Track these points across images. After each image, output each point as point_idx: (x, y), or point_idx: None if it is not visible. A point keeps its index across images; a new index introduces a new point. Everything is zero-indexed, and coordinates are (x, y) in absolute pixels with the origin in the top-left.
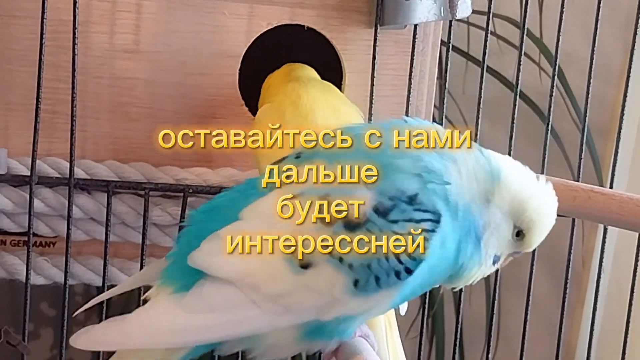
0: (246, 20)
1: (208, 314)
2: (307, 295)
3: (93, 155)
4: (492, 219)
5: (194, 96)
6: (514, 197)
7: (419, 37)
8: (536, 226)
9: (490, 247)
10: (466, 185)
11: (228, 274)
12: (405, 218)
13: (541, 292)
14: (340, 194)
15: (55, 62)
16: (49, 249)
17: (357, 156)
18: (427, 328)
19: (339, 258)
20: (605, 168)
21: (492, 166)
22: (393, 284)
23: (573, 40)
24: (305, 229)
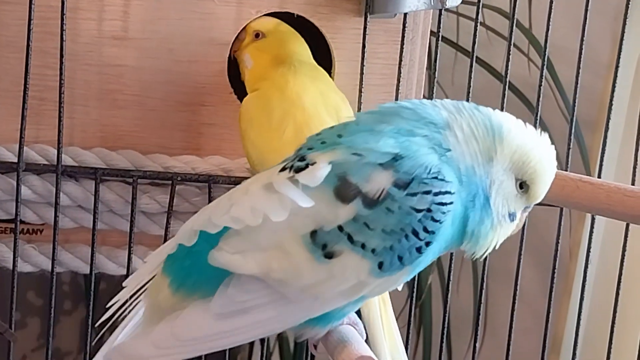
0: (235, 8)
1: (240, 316)
2: (334, 283)
3: (81, 143)
4: (496, 176)
5: (183, 83)
6: (516, 151)
7: (408, 26)
8: (540, 177)
9: (500, 205)
10: (465, 148)
11: (253, 270)
12: (424, 190)
13: (529, 283)
14: (359, 174)
15: (43, 48)
16: (36, 236)
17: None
18: (415, 318)
19: (362, 245)
20: (594, 160)
21: (493, 122)
22: (415, 259)
23: (562, 32)
24: (324, 211)
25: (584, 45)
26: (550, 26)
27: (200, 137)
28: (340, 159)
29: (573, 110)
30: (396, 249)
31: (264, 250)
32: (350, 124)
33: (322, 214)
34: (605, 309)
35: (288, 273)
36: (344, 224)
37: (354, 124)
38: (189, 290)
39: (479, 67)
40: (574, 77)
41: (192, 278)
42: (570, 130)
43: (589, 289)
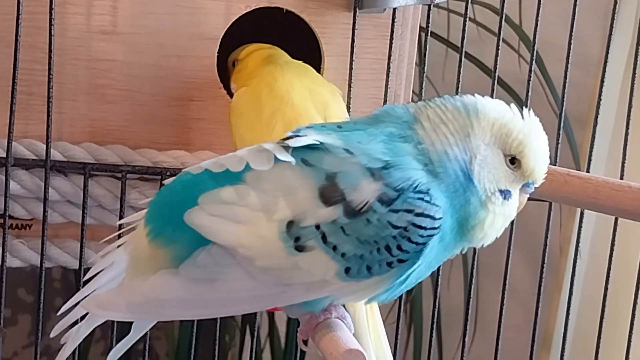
0: (224, 3)
1: (208, 285)
2: (298, 274)
3: (70, 138)
4: (477, 151)
5: (172, 78)
6: (495, 123)
7: (398, 21)
8: (529, 149)
9: (487, 181)
10: (434, 136)
11: (223, 241)
12: (406, 208)
13: (519, 279)
14: (347, 180)
15: (32, 43)
16: (25, 231)
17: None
18: (406, 314)
19: (333, 247)
20: (583, 156)
21: (465, 102)
22: (385, 271)
23: (552, 28)
24: (306, 208)
25: (574, 42)
26: (539, 22)
27: (189, 132)
28: (332, 144)
29: (562, 105)
30: (366, 259)
31: (238, 224)
32: (349, 121)
33: (302, 208)
34: (596, 304)
35: (256, 253)
36: (322, 223)
37: (351, 122)
38: (165, 241)
39: (469, 63)
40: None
41: (168, 229)
42: (559, 125)
43: (579, 284)
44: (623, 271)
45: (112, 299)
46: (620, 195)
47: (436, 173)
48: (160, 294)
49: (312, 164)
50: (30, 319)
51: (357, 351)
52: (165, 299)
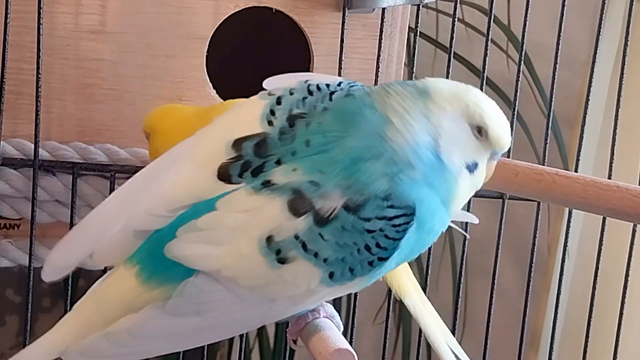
0: (213, 2)
1: (196, 317)
2: (283, 287)
3: (58, 137)
4: (439, 129)
5: (161, 78)
6: (451, 99)
7: (387, 21)
8: (490, 116)
9: (454, 156)
10: (404, 130)
11: (206, 267)
12: (377, 216)
13: (508, 279)
14: (311, 190)
15: (19, 42)
16: (14, 231)
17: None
18: (394, 314)
19: (315, 253)
20: (572, 157)
21: (418, 86)
22: (367, 271)
23: (541, 29)
24: (279, 223)
25: (563, 43)
26: (527, 23)
27: None
28: (296, 185)
29: (550, 105)
30: (348, 261)
31: (219, 247)
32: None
33: (277, 222)
34: (584, 304)
35: (240, 273)
36: (300, 233)
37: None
38: (159, 281)
39: (457, 64)
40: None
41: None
42: (547, 125)
43: (567, 284)
44: (611, 270)
45: (95, 344)
46: (608, 195)
47: (411, 165)
48: (148, 333)
49: (275, 185)
50: (17, 320)
51: (346, 350)
52: (153, 337)
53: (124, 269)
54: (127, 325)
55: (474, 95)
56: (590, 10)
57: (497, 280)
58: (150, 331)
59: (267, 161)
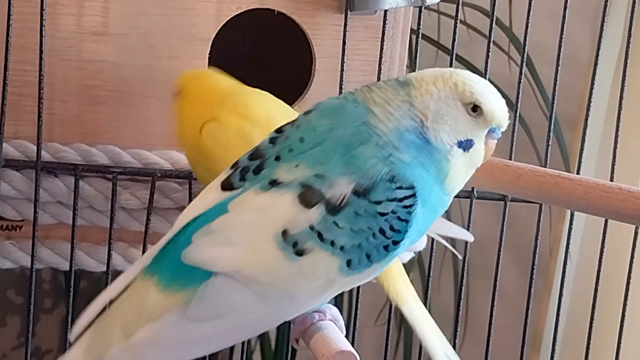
0: (215, 4)
1: (217, 320)
2: (304, 280)
3: (60, 138)
4: (425, 111)
5: (163, 79)
6: (436, 81)
7: (389, 23)
8: (483, 93)
9: (444, 135)
10: (385, 119)
11: (224, 268)
12: (388, 198)
13: (510, 281)
14: (319, 182)
15: (22, 44)
16: (16, 232)
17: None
18: (396, 316)
19: (331, 242)
20: (573, 158)
21: (400, 79)
22: (383, 256)
23: (542, 30)
24: (293, 216)
25: (565, 44)
26: (529, 25)
27: None
28: (303, 179)
29: (552, 107)
30: (364, 247)
31: (235, 247)
32: (307, 128)
33: (290, 216)
34: (585, 306)
35: (259, 269)
36: (315, 223)
37: (311, 129)
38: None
39: (459, 65)
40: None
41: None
42: (549, 127)
43: (569, 286)
44: (613, 272)
45: (115, 358)
46: (610, 197)
47: (397, 148)
48: (169, 341)
49: (282, 183)
50: (19, 320)
51: (348, 352)
52: (173, 344)
53: (141, 280)
54: (147, 334)
55: (462, 76)
56: (591, 11)
57: (499, 282)
58: (171, 338)
59: (265, 160)
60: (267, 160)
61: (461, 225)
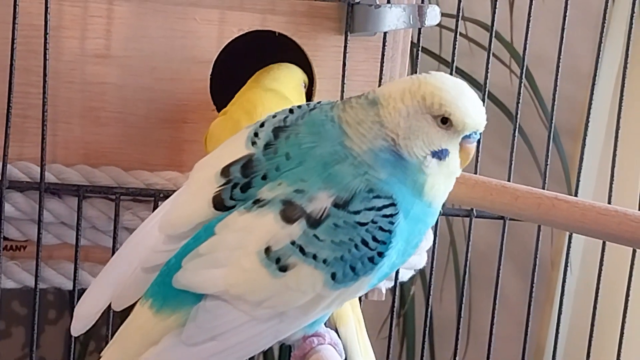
0: (217, 26)
1: (211, 342)
2: (290, 296)
3: (64, 160)
4: (396, 129)
5: (165, 101)
6: (404, 97)
7: (388, 44)
8: (449, 104)
9: (416, 149)
10: (359, 141)
11: (212, 289)
12: (366, 207)
13: (512, 292)
14: (299, 197)
15: (26, 66)
16: (20, 252)
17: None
18: (399, 327)
19: (313, 255)
20: (575, 168)
21: (368, 96)
22: (370, 269)
23: (543, 42)
24: (275, 233)
25: (566, 55)
26: (529, 37)
27: (182, 154)
28: (283, 196)
29: (552, 117)
30: (347, 260)
31: (222, 268)
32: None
33: (272, 233)
34: (587, 317)
35: (246, 288)
36: (296, 238)
37: (297, 144)
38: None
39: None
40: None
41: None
42: (549, 137)
43: (570, 296)
44: (613, 284)
45: None
46: (607, 220)
47: (373, 168)
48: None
49: (264, 201)
50: (23, 331)
51: None
52: None
53: (139, 305)
54: (148, 359)
55: (432, 86)
56: (592, 21)
57: (500, 293)
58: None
59: (253, 177)
60: (255, 178)
61: (463, 241)
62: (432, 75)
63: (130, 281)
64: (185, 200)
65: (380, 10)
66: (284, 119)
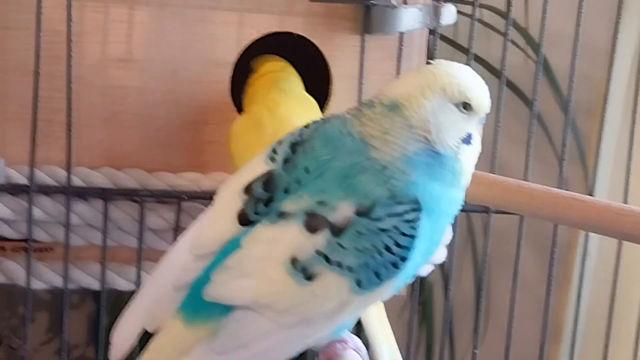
0: (236, 29)
1: (241, 350)
2: (317, 303)
3: (88, 162)
4: (426, 126)
5: (186, 103)
6: (424, 91)
7: (405, 42)
8: (468, 88)
9: (449, 140)
10: (387, 150)
11: (241, 300)
12: (387, 213)
13: (530, 272)
14: (322, 208)
15: (50, 72)
16: (48, 254)
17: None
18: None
19: (338, 263)
20: (590, 145)
21: (386, 104)
22: (393, 274)
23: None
24: (300, 243)
25: (583, 33)
26: (546, 19)
27: (204, 155)
28: (307, 208)
29: (568, 101)
30: (371, 266)
31: (250, 279)
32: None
33: (297, 244)
34: (606, 297)
35: (274, 298)
36: (320, 247)
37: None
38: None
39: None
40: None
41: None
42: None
43: (589, 276)
44: (632, 263)
45: None
46: (623, 220)
47: (405, 172)
48: None
49: (289, 214)
50: (47, 316)
51: None
52: None
53: (171, 319)
54: None
55: (448, 75)
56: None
57: (519, 272)
58: None
59: (276, 192)
60: (277, 193)
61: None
62: (442, 65)
63: (162, 301)
64: (212, 220)
65: (397, 11)
66: (299, 134)
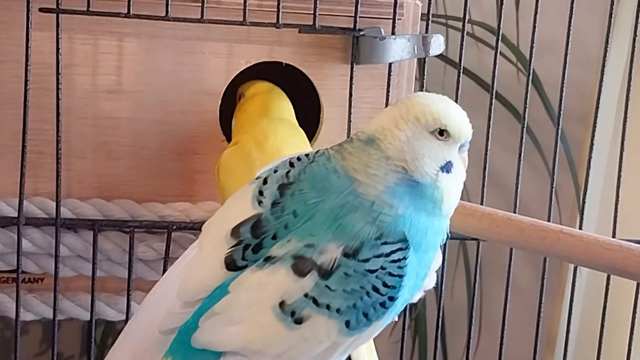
0: (225, 59)
1: None
2: (307, 346)
3: (78, 193)
4: (403, 156)
5: (176, 133)
6: (398, 122)
7: (394, 71)
8: (442, 115)
9: (427, 168)
10: (371, 183)
11: (231, 346)
12: (374, 254)
13: (524, 280)
14: (310, 251)
15: (40, 104)
16: (37, 285)
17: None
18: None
19: (327, 306)
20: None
21: (363, 139)
22: (382, 314)
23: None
24: (288, 287)
25: (574, 41)
26: (536, 34)
27: (193, 184)
28: (294, 251)
29: (560, 111)
30: (360, 307)
31: (238, 325)
32: (300, 199)
33: (285, 288)
34: (598, 305)
35: (263, 343)
36: (308, 290)
37: (302, 201)
38: None
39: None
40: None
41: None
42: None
43: (582, 285)
44: None
45: None
46: (611, 254)
47: (391, 206)
48: None
49: (276, 258)
50: (40, 328)
51: None
52: None
53: None
54: None
55: (420, 105)
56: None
57: (512, 280)
58: None
59: (264, 237)
60: (266, 239)
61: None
62: (415, 96)
63: (149, 344)
64: (199, 265)
65: (385, 42)
66: (286, 174)
